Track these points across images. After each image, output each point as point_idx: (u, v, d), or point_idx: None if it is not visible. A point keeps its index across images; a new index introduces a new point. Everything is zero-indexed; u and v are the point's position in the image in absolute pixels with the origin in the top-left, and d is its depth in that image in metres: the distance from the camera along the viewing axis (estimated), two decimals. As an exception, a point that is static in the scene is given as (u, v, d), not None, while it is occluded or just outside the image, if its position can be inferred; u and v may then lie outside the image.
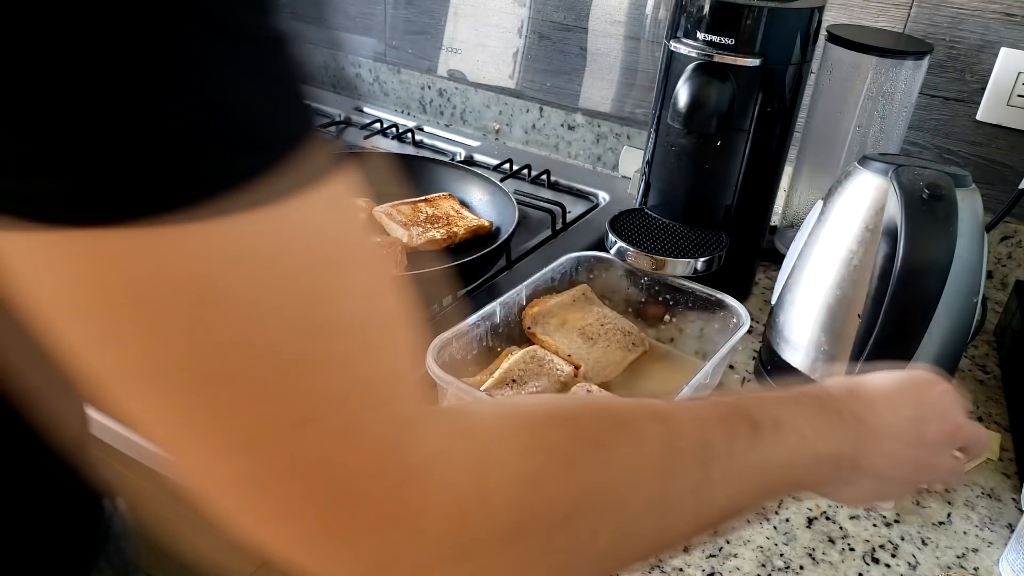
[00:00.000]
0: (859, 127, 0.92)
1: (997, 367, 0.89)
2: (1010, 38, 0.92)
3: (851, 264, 0.70)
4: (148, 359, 0.24)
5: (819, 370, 0.74)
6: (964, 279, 0.69)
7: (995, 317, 0.97)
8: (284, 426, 0.25)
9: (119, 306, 0.23)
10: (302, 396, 0.25)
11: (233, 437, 0.25)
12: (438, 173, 1.06)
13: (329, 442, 0.26)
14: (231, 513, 0.27)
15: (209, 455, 0.26)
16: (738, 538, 0.63)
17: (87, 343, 0.24)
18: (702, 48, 0.81)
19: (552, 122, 1.31)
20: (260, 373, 0.24)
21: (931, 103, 0.99)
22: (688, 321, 0.85)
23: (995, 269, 0.99)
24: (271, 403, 0.25)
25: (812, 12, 0.81)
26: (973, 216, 0.68)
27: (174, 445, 0.26)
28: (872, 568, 0.62)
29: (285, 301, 0.24)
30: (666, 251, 0.84)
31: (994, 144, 0.97)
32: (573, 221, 1.07)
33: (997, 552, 0.64)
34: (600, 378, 0.76)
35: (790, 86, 0.83)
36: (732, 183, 0.87)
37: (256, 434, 0.25)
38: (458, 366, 0.73)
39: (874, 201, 0.69)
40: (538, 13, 1.26)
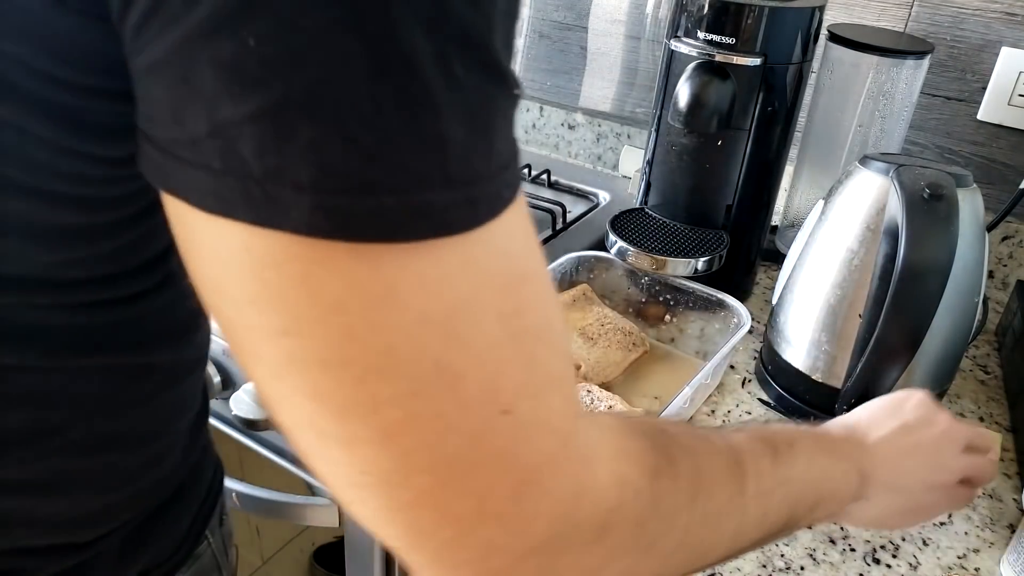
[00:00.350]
0: (860, 127, 0.92)
1: (998, 367, 0.89)
2: (1011, 37, 0.92)
3: (852, 264, 0.70)
4: (382, 358, 0.26)
5: (820, 370, 0.74)
6: (965, 279, 0.69)
7: (996, 317, 0.97)
8: (488, 414, 0.27)
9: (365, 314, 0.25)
10: (505, 389, 0.28)
11: (440, 422, 0.27)
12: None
13: (519, 432, 0.28)
14: (382, 502, 0.28)
15: (390, 451, 0.27)
16: (739, 538, 0.63)
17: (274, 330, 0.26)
18: (703, 47, 0.81)
19: (552, 121, 1.30)
20: (476, 369, 0.27)
21: (932, 103, 0.99)
22: (688, 321, 0.85)
23: (996, 269, 0.99)
24: (478, 390, 0.27)
25: (813, 11, 0.81)
26: (974, 216, 0.68)
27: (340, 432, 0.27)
28: (873, 569, 0.62)
29: (500, 310, 0.27)
30: (666, 251, 0.84)
31: (995, 144, 0.97)
32: (573, 221, 1.07)
33: (998, 552, 0.64)
34: (600, 378, 0.75)
35: (791, 85, 0.83)
36: (733, 183, 0.87)
37: (459, 420, 0.27)
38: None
39: (875, 201, 0.69)
40: (538, 12, 1.25)
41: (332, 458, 0.28)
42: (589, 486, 0.30)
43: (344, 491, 0.29)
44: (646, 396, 0.77)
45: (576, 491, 0.30)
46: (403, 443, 0.27)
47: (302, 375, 0.26)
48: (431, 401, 0.26)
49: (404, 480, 0.27)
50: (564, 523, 0.30)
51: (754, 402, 0.79)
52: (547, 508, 0.29)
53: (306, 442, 0.28)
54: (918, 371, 0.71)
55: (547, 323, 0.29)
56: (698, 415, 0.76)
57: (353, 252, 0.25)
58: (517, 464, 0.28)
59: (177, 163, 0.25)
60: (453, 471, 0.27)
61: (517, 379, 0.28)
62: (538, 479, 0.29)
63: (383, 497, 0.28)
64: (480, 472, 0.28)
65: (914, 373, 0.71)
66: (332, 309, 0.25)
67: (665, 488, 0.34)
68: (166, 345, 0.42)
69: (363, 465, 0.27)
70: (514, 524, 0.29)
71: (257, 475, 0.88)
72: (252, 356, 0.27)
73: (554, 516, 0.29)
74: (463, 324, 0.26)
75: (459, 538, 0.28)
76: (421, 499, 0.28)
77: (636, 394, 0.77)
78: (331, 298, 0.25)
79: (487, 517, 0.28)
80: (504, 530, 0.29)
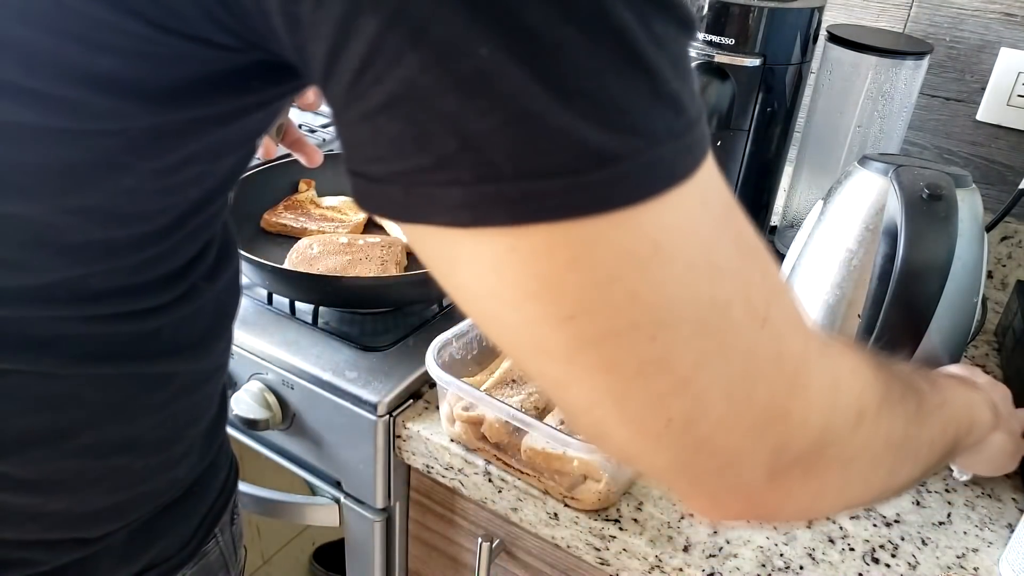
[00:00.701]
0: (859, 127, 0.92)
1: (997, 367, 0.89)
2: (1010, 38, 0.92)
3: (851, 264, 0.70)
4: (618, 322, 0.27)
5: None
6: (964, 279, 0.69)
7: (995, 317, 0.97)
8: (754, 329, 0.29)
9: (595, 282, 0.27)
10: (758, 303, 0.30)
11: (725, 352, 0.29)
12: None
13: (778, 336, 0.30)
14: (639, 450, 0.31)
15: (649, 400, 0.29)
16: (738, 538, 0.63)
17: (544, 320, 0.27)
18: (702, 48, 0.81)
19: (552, 122, 1.30)
20: (737, 293, 0.29)
21: (931, 103, 0.99)
22: (688, 321, 0.85)
23: (995, 269, 0.99)
24: (743, 312, 0.29)
25: (812, 12, 0.81)
26: (973, 216, 0.68)
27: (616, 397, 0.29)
28: (872, 568, 0.62)
29: (731, 235, 0.29)
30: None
31: (994, 144, 0.97)
32: (573, 221, 1.07)
33: (997, 552, 0.64)
34: (600, 378, 0.76)
35: (790, 86, 0.83)
36: (732, 183, 0.87)
37: (737, 343, 0.29)
38: (458, 366, 0.73)
39: (874, 201, 0.69)
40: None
41: (634, 419, 0.29)
42: (841, 375, 0.33)
43: (646, 448, 0.30)
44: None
45: (833, 380, 0.32)
46: (699, 382, 0.29)
47: (596, 350, 0.28)
48: (714, 336, 0.28)
49: (703, 415, 0.29)
50: (831, 412, 0.32)
51: (753, 402, 0.79)
52: (816, 399, 0.32)
53: (601, 415, 0.29)
54: (917, 371, 0.71)
55: (756, 237, 0.31)
56: (697, 415, 0.76)
57: (614, 222, 0.26)
58: (785, 365, 0.31)
59: (423, 189, 0.26)
60: (741, 390, 0.29)
61: (763, 290, 0.30)
62: (804, 371, 0.31)
63: (687, 437, 0.29)
64: (760, 382, 0.30)
65: (913, 373, 0.71)
66: (610, 280, 0.26)
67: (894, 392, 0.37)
68: (185, 356, 0.43)
69: (667, 415, 0.29)
70: (796, 418, 0.31)
71: (257, 475, 0.88)
72: (537, 350, 0.29)
73: (823, 406, 0.32)
74: (717, 257, 0.28)
75: (753, 447, 0.31)
76: (719, 426, 0.30)
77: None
78: (606, 271, 0.26)
79: (774, 419, 0.30)
80: (788, 426, 0.31)
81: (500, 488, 0.68)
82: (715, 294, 0.28)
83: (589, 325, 0.27)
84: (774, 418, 0.31)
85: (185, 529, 0.49)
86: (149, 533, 0.47)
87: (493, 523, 0.75)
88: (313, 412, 0.77)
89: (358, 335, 0.81)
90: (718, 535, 0.63)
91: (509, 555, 0.75)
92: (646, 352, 0.28)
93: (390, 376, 0.75)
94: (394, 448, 0.75)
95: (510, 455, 0.67)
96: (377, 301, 0.83)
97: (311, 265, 0.82)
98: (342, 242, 0.86)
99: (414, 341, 0.80)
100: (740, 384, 0.29)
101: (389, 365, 0.76)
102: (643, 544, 0.62)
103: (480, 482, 0.69)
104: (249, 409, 0.77)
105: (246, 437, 0.86)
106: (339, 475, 0.80)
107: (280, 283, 0.80)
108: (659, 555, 0.61)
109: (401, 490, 0.79)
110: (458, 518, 0.77)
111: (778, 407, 0.31)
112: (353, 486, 0.79)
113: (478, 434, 0.68)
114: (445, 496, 0.77)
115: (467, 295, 0.29)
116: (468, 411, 0.68)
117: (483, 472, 0.69)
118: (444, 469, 0.72)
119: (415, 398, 0.75)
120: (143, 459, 0.44)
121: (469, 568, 0.79)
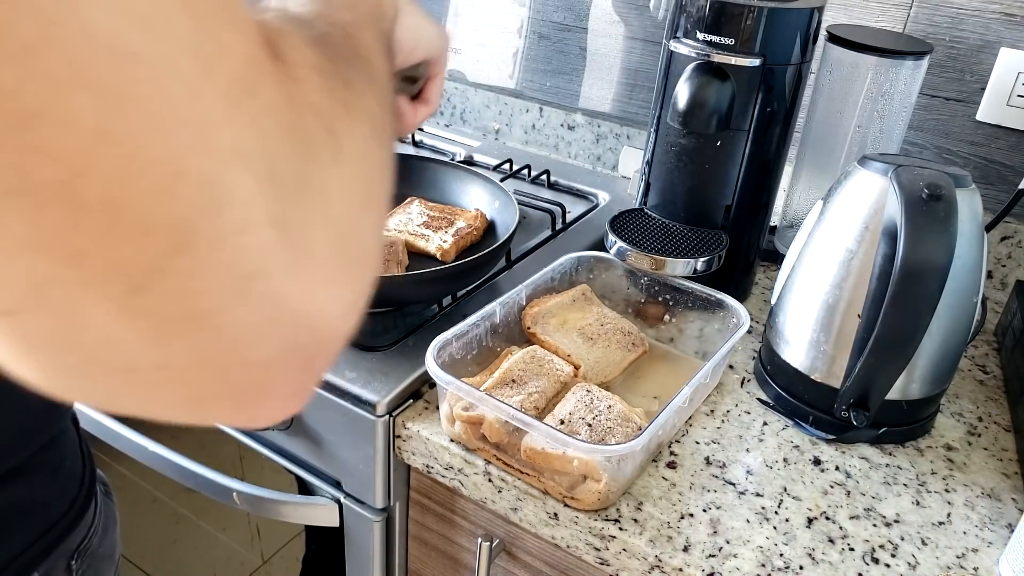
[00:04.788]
0: (859, 127, 0.92)
1: (997, 367, 0.89)
2: (1010, 38, 0.92)
3: (851, 264, 0.70)
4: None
5: (818, 370, 0.74)
6: (964, 279, 0.69)
7: (995, 317, 0.97)
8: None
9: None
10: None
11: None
12: (438, 173, 1.06)
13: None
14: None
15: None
16: (738, 538, 0.63)
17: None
18: (702, 48, 0.81)
19: (552, 122, 1.31)
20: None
21: (931, 103, 0.99)
22: (688, 321, 0.85)
23: (995, 269, 0.99)
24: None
25: (812, 12, 0.81)
26: (973, 216, 0.68)
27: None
28: (872, 568, 0.62)
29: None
30: (666, 251, 0.84)
31: (994, 144, 0.97)
32: (573, 221, 1.07)
33: (997, 552, 0.64)
34: (600, 378, 0.76)
35: (790, 86, 0.83)
36: (732, 183, 0.87)
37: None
38: (458, 366, 0.73)
39: (874, 201, 0.70)
40: (538, 13, 1.26)
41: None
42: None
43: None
44: (645, 396, 0.78)
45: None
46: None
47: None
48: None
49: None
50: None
51: (753, 402, 0.79)
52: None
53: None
54: (916, 371, 0.72)
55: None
56: (697, 415, 0.77)
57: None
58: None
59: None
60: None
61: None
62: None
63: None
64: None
65: (912, 373, 0.71)
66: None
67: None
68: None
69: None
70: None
71: (257, 475, 0.88)
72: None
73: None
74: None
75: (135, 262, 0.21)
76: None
77: (636, 394, 0.78)
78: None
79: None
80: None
81: (500, 488, 0.68)
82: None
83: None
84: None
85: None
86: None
87: (493, 523, 0.75)
88: (313, 412, 0.77)
89: (358, 335, 0.81)
90: (718, 535, 0.63)
91: (509, 555, 0.75)
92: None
93: (390, 376, 0.75)
94: (394, 448, 0.75)
95: (510, 455, 0.67)
96: (377, 301, 0.83)
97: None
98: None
99: (414, 341, 0.80)
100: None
101: (389, 365, 0.76)
102: (643, 544, 0.62)
103: (480, 482, 0.69)
104: (249, 409, 0.77)
105: (246, 437, 0.86)
106: (339, 475, 0.80)
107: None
108: (659, 555, 0.61)
109: (401, 490, 0.79)
110: (458, 518, 0.77)
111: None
112: (353, 486, 0.79)
113: (478, 434, 0.68)
114: (445, 496, 0.77)
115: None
116: (468, 411, 0.68)
117: (483, 472, 0.69)
118: (444, 469, 0.72)
119: (415, 398, 0.75)
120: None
121: (469, 568, 0.80)
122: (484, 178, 1.03)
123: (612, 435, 0.65)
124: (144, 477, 1.10)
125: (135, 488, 1.13)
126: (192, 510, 1.14)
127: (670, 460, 0.70)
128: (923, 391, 0.73)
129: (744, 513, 0.66)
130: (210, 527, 1.14)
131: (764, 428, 0.76)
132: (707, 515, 0.65)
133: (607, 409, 0.68)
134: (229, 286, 0.23)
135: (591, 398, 0.69)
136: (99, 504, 0.59)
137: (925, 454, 0.74)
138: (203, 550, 1.17)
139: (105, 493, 0.61)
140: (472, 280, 0.88)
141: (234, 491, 0.85)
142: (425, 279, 0.81)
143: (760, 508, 0.66)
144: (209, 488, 0.87)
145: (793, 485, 0.69)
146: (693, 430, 0.74)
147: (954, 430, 0.78)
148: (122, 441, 0.93)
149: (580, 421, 0.67)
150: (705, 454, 0.72)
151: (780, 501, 0.67)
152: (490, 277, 0.92)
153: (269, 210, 0.23)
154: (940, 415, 0.79)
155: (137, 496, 1.15)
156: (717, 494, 0.67)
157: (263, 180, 0.23)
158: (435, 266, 0.84)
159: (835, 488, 0.69)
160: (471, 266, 0.83)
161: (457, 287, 0.87)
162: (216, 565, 1.17)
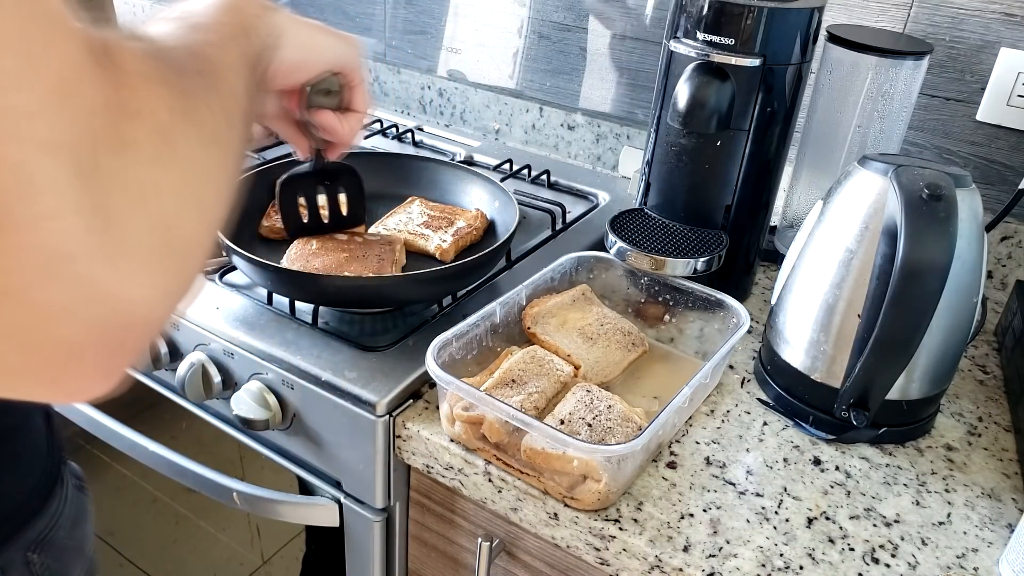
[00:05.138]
0: (859, 127, 0.92)
1: (997, 367, 0.89)
2: (1010, 38, 0.92)
3: (851, 264, 0.70)
4: None
5: (818, 370, 0.74)
6: (964, 279, 0.69)
7: (995, 317, 0.97)
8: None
9: None
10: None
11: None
12: (438, 173, 1.06)
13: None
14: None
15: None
16: (738, 538, 0.63)
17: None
18: (702, 48, 0.81)
19: (552, 122, 1.31)
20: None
21: (931, 103, 0.99)
22: (688, 321, 0.85)
23: (995, 269, 0.99)
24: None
25: (812, 12, 0.81)
26: (973, 216, 0.68)
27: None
28: (872, 568, 0.62)
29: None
30: (666, 251, 0.84)
31: (994, 144, 0.97)
32: (573, 221, 1.07)
33: (997, 552, 0.64)
34: (600, 378, 0.76)
35: (790, 86, 0.83)
36: (732, 183, 0.87)
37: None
38: (458, 366, 0.73)
39: (874, 201, 0.70)
40: (538, 13, 1.26)
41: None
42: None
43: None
44: (646, 396, 0.78)
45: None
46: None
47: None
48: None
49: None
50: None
51: (753, 402, 0.79)
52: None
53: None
54: (917, 371, 0.72)
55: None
56: (697, 415, 0.77)
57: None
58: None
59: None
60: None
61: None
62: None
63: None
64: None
65: (912, 373, 0.71)
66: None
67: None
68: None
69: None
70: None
71: (257, 475, 0.88)
72: None
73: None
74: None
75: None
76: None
77: (636, 394, 0.78)
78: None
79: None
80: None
81: (500, 488, 0.68)
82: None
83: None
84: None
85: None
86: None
87: (493, 523, 0.75)
88: (313, 412, 0.77)
89: (358, 335, 0.81)
90: (718, 535, 0.63)
91: (509, 555, 0.75)
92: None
93: (390, 376, 0.75)
94: (394, 448, 0.75)
95: (510, 455, 0.67)
96: (377, 301, 0.83)
97: (308, 263, 0.82)
98: (340, 239, 0.86)
99: (414, 341, 0.80)
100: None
101: (389, 365, 0.76)
102: (643, 544, 0.62)
103: (480, 482, 0.69)
104: (249, 409, 0.77)
105: (246, 437, 0.86)
106: (339, 475, 0.80)
107: (279, 282, 0.80)
108: (659, 555, 0.61)
109: (401, 490, 0.79)
110: (458, 518, 0.77)
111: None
112: (353, 486, 0.79)
113: (478, 434, 0.68)
114: (445, 496, 0.77)
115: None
116: (468, 411, 0.68)
117: (483, 472, 0.69)
118: (444, 469, 0.72)
119: (415, 398, 0.75)
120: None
121: (469, 568, 0.79)
122: (484, 178, 1.03)
123: (612, 435, 0.65)
124: (144, 477, 1.10)
125: (135, 488, 1.13)
126: (192, 510, 1.14)
127: (670, 460, 0.70)
128: (923, 391, 0.73)
129: (744, 513, 0.66)
130: (210, 527, 1.14)
131: (764, 428, 0.76)
132: (707, 515, 0.65)
133: (607, 409, 0.68)
134: (36, 266, 0.25)
135: (591, 398, 0.69)
136: (68, 496, 0.58)
137: (925, 454, 0.74)
138: (203, 550, 1.16)
139: (78, 487, 0.61)
140: (472, 280, 0.88)
141: (234, 491, 0.85)
142: (425, 279, 0.81)
143: (760, 508, 0.66)
144: (209, 488, 0.87)
145: (793, 485, 0.69)
146: (693, 430, 0.74)
147: (954, 430, 0.78)
148: (122, 441, 0.93)
149: (580, 421, 0.67)
150: (705, 454, 0.72)
151: (780, 501, 0.67)
152: (490, 277, 0.92)
153: (79, 200, 0.25)
154: (940, 415, 0.79)
155: (137, 496, 1.15)
156: (717, 494, 0.67)
157: (76, 172, 0.25)
158: (435, 266, 0.84)
159: (835, 488, 0.69)
160: (471, 266, 0.83)
161: (457, 287, 0.87)
162: (216, 565, 1.17)
